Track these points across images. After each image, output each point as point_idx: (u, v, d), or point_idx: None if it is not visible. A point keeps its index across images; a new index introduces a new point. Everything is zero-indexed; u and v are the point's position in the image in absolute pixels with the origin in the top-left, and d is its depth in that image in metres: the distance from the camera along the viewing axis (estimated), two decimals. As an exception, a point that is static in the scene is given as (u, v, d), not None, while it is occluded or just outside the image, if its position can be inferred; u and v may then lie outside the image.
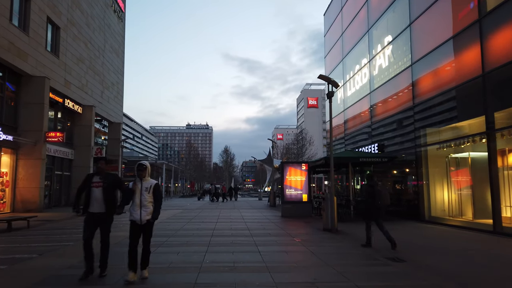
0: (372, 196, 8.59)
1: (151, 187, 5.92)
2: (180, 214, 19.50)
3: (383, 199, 8.64)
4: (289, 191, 17.71)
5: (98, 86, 32.24)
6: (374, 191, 8.60)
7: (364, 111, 20.15)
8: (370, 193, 8.64)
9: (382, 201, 8.61)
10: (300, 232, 11.73)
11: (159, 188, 6.08)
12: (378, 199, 8.55)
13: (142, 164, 5.96)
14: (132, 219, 5.94)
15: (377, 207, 8.54)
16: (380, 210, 8.61)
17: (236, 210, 22.66)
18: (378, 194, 8.59)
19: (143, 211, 5.87)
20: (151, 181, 6.01)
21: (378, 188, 8.78)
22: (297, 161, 24.94)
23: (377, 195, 8.56)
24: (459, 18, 12.17)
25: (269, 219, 16.44)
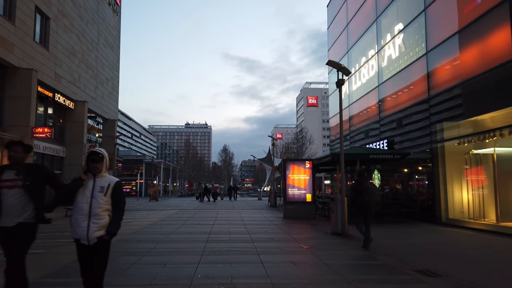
0: (359, 192, 8.23)
1: (109, 187, 3.84)
2: (175, 215, 18.24)
3: (370, 195, 8.23)
4: (292, 190, 16.46)
5: (91, 81, 30.94)
6: (362, 188, 8.24)
7: (372, 106, 18.91)
8: (358, 190, 8.29)
9: (370, 197, 8.22)
10: (307, 237, 10.48)
11: (121, 189, 4.05)
12: (366, 195, 8.16)
13: (97, 152, 3.89)
14: (75, 237, 3.76)
15: (365, 204, 8.18)
16: (369, 207, 8.25)
17: (235, 210, 21.41)
18: (366, 190, 8.20)
19: (92, 223, 3.73)
20: (110, 178, 3.94)
21: (367, 184, 8.41)
22: (301, 158, 23.60)
23: (365, 192, 8.18)
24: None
25: (271, 220, 15.19)
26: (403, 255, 7.48)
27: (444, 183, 12.94)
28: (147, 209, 22.75)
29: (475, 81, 11.19)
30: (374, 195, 8.42)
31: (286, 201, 16.45)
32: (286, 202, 16.45)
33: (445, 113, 13.01)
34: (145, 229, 12.03)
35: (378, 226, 12.58)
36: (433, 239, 10.14)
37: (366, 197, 8.18)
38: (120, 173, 69.10)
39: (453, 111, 12.64)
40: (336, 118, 24.83)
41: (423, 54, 14.02)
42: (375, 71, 18.74)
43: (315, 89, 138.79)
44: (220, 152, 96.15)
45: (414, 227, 12.43)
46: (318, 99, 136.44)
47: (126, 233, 11.06)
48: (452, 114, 12.72)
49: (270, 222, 14.63)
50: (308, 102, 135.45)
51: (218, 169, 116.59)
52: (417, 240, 9.65)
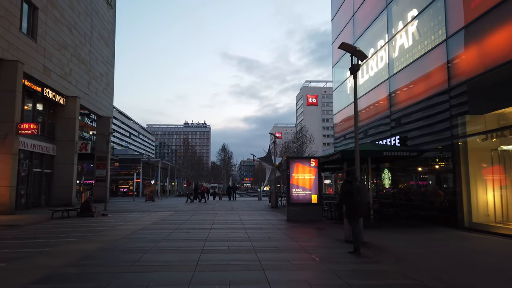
0: (350, 193, 7.83)
1: None
2: (169, 217, 16.91)
3: (361, 195, 7.84)
4: (296, 191, 15.14)
5: (84, 76, 29.57)
6: (352, 188, 7.83)
7: (381, 100, 17.60)
8: (348, 191, 7.87)
9: (361, 198, 7.85)
10: (317, 245, 9.16)
11: None
12: (357, 196, 7.77)
13: None
14: None
15: (356, 204, 7.79)
16: (360, 208, 7.89)
17: (234, 212, 20.09)
18: (357, 190, 7.80)
19: None
20: None
21: (357, 184, 7.99)
22: (306, 156, 22.21)
23: (355, 192, 7.78)
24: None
25: (273, 224, 13.88)
26: (439, 271, 6.17)
27: (466, 183, 11.62)
28: (141, 211, 21.42)
29: (505, 69, 9.87)
30: (365, 195, 7.99)
31: (290, 203, 15.14)
32: (290, 203, 15.14)
33: (468, 104, 11.70)
34: (133, 235, 10.70)
35: (395, 231, 11.29)
36: (463, 247, 8.82)
37: (357, 198, 7.74)
38: (118, 172, 67.97)
39: (477, 102, 11.33)
40: (341, 114, 23.52)
41: (443, 41, 12.69)
42: (384, 62, 17.42)
43: (315, 88, 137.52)
44: (219, 151, 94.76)
45: (436, 232, 11.11)
46: (318, 98, 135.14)
47: (110, 240, 9.74)
48: (476, 106, 11.41)
49: (272, 226, 13.31)
50: (308, 101, 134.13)
51: (217, 169, 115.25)
52: (446, 250, 8.34)
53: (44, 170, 25.22)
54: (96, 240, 9.85)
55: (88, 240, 9.83)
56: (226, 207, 24.95)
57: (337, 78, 24.63)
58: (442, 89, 12.68)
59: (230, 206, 26.41)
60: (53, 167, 26.06)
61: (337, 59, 24.39)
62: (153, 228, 12.50)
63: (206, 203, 30.70)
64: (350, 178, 8.14)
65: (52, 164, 26.10)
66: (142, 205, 28.09)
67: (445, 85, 12.50)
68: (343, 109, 23.13)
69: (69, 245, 8.99)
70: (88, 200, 18.30)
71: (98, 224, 13.89)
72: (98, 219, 16.17)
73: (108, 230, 12.08)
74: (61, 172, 26.05)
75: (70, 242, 9.45)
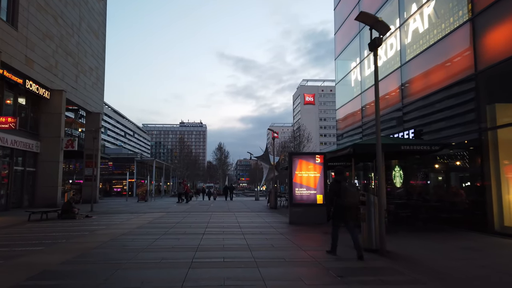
0: (337, 193, 7.27)
1: None
2: (160, 219, 15.33)
3: (348, 197, 7.21)
4: (300, 190, 13.63)
5: (71, 69, 27.90)
6: (340, 188, 7.26)
7: (392, 91, 16.11)
8: (336, 191, 7.31)
9: (349, 199, 7.22)
10: (332, 256, 7.64)
11: None
12: (344, 197, 7.21)
13: None
14: None
15: (343, 206, 7.23)
16: (348, 210, 7.29)
17: (230, 213, 18.55)
18: (344, 191, 7.23)
19: None
20: None
21: (346, 184, 7.35)
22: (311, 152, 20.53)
23: (342, 193, 7.22)
24: None
25: (274, 227, 12.35)
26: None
27: (496, 181, 10.16)
28: (131, 212, 19.82)
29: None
30: (353, 196, 7.29)
31: (293, 203, 13.62)
32: (293, 204, 13.62)
33: (498, 92, 10.24)
34: (111, 242, 9.12)
35: (417, 237, 9.79)
36: (506, 258, 7.33)
37: (344, 199, 7.16)
38: (111, 172, 66.19)
39: (510, 89, 9.85)
40: (345, 108, 22.01)
41: (467, 20, 11.21)
42: (395, 50, 15.94)
43: (312, 87, 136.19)
44: (215, 150, 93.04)
45: (465, 239, 9.62)
46: (315, 97, 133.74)
47: (83, 249, 8.17)
48: (509, 93, 9.93)
49: (274, 230, 11.78)
50: (305, 100, 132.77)
51: (213, 168, 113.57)
52: (490, 261, 6.86)
53: (26, 169, 23.57)
54: (66, 249, 8.28)
55: (57, 249, 8.26)
56: (222, 207, 23.40)
57: (341, 71, 23.15)
58: (466, 76, 11.19)
59: (226, 206, 24.86)
60: (37, 165, 24.40)
61: (340, 50, 22.89)
62: (137, 233, 10.93)
63: (200, 204, 29.10)
64: (339, 177, 7.49)
65: (36, 162, 24.44)
66: (133, 206, 26.47)
67: (470, 70, 11.02)
68: (347, 103, 21.64)
69: (32, 256, 7.42)
70: (70, 200, 16.70)
71: (78, 228, 12.30)
72: (80, 222, 14.57)
73: (85, 235, 10.49)
74: (46, 171, 24.40)
75: (35, 252, 7.88)
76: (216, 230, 11.61)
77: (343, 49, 22.51)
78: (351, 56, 21.50)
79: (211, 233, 10.76)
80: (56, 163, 24.63)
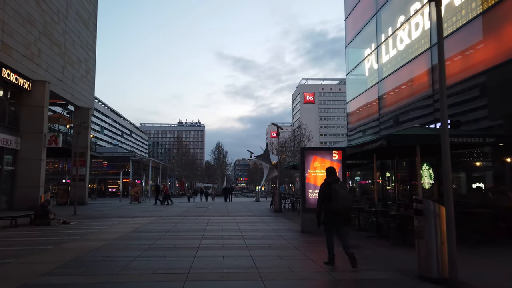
0: (327, 196, 6.51)
1: None
2: (148, 226, 13.11)
3: (340, 200, 6.41)
4: (314, 193, 11.42)
5: (57, 59, 25.63)
6: (331, 191, 6.47)
7: (418, 77, 13.91)
8: (326, 194, 6.55)
9: (340, 203, 6.41)
10: (375, 284, 5.43)
11: None
12: (334, 200, 6.42)
13: None
14: None
15: (335, 211, 6.45)
16: (340, 215, 6.47)
17: (230, 218, 16.34)
18: (335, 194, 6.43)
19: None
20: None
21: (337, 186, 6.53)
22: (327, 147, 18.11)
23: (333, 196, 6.44)
24: None
25: (285, 238, 10.15)
26: None
27: None
28: (118, 216, 17.58)
29: None
30: (345, 200, 6.58)
31: (306, 208, 11.40)
32: (305, 209, 11.41)
33: None
34: (72, 264, 6.88)
35: (483, 255, 7.54)
36: None
37: (336, 203, 6.45)
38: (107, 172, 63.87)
39: None
40: (357, 100, 19.78)
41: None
42: (421, 30, 13.73)
43: (312, 85, 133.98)
44: (213, 149, 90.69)
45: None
46: (316, 96, 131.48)
47: (29, 274, 5.91)
48: None
49: (285, 241, 9.58)
50: (305, 99, 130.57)
51: (211, 168, 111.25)
52: None
53: (4, 167, 21.30)
54: (5, 275, 6.04)
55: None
56: (220, 211, 21.17)
57: (352, 60, 20.97)
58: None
59: (226, 209, 22.63)
60: (17, 163, 22.14)
61: (352, 36, 20.70)
62: (114, 247, 8.69)
63: (197, 206, 26.86)
64: (330, 179, 6.78)
65: (15, 160, 22.18)
66: (124, 208, 24.20)
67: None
68: (360, 95, 19.45)
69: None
70: (45, 204, 14.43)
71: (44, 240, 10.07)
72: (53, 230, 12.32)
73: (45, 251, 8.24)
74: (27, 169, 22.14)
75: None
76: (213, 242, 9.39)
77: (355, 35, 20.33)
78: (365, 43, 19.33)
79: (208, 247, 8.54)
80: (37, 161, 22.38)
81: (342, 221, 6.56)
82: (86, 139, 30.05)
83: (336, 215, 6.48)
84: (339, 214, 6.48)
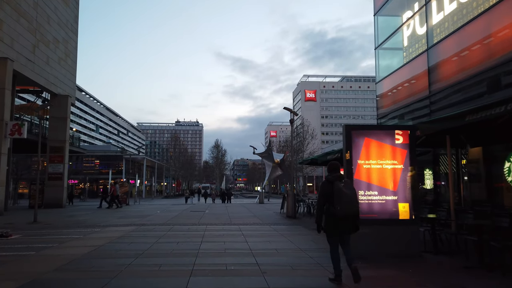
0: (328, 197, 5.28)
1: None
2: (117, 243, 9.05)
3: (343, 203, 5.11)
4: (368, 194, 7.40)
5: (25, 35, 21.54)
6: (333, 191, 5.23)
7: (493, 36, 9.86)
8: (327, 194, 5.32)
9: (342, 206, 5.10)
10: None
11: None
12: (337, 203, 5.13)
13: None
14: None
15: (338, 216, 5.15)
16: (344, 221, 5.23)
17: (234, 227, 12.32)
18: (338, 194, 5.16)
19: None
20: None
21: (340, 185, 5.24)
22: (386, 124, 13.04)
23: (336, 197, 5.16)
24: None
25: (326, 267, 6.09)
26: None
27: None
28: (88, 225, 13.50)
29: None
30: (351, 202, 5.17)
31: (354, 219, 7.34)
32: (354, 220, 7.34)
33: None
34: None
35: None
36: None
37: (338, 206, 5.09)
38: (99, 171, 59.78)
39: None
40: (393, 78, 15.61)
41: None
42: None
43: (313, 83, 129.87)
44: (212, 148, 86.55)
45: None
46: (317, 93, 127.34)
47: None
48: None
49: (327, 271, 5.52)
50: (306, 96, 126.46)
51: (209, 168, 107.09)
52: None
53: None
54: None
55: None
56: (220, 216, 17.08)
57: (384, 30, 16.89)
58: None
59: (226, 213, 18.54)
60: (-30, 158, 18.08)
61: (383, 0, 16.62)
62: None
63: (192, 209, 22.75)
64: (331, 176, 5.40)
65: (-32, 153, 18.13)
66: (103, 213, 20.07)
67: None
68: (397, 70, 15.34)
69: None
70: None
71: None
72: None
73: None
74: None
75: None
76: (211, 273, 5.37)
77: None
78: (401, 7, 15.32)
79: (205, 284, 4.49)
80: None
81: (346, 228, 5.35)
82: (64, 131, 25.96)
83: (340, 220, 5.28)
84: (343, 219, 5.27)
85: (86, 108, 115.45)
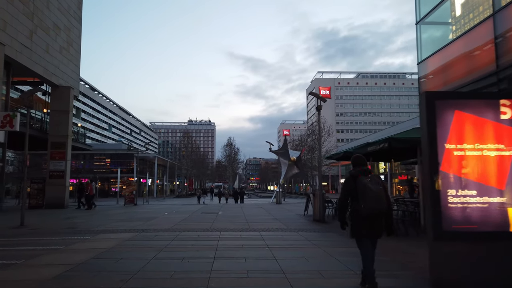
0: (351, 193, 4.71)
1: None
2: (103, 258, 6.81)
3: (368, 200, 4.47)
4: (462, 195, 4.91)
5: (21, 19, 19.59)
6: (357, 187, 4.59)
7: None
8: (349, 190, 4.74)
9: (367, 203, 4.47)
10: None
11: None
12: (362, 200, 4.50)
13: None
14: None
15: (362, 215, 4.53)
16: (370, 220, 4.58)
17: (254, 234, 9.98)
18: (362, 190, 4.52)
19: None
20: None
21: (366, 181, 4.57)
22: (486, 92, 10.14)
23: (360, 193, 4.53)
24: None
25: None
26: None
27: None
28: (81, 230, 11.32)
29: None
30: (377, 199, 4.47)
31: (444, 230, 4.86)
32: (443, 232, 4.86)
33: None
34: None
35: None
36: None
37: (362, 204, 4.47)
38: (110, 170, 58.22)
39: None
40: (442, 54, 12.93)
41: None
42: None
43: (328, 79, 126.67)
44: (224, 146, 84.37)
45: None
46: (332, 90, 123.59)
47: None
48: None
49: None
50: (320, 94, 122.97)
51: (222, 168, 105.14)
52: None
53: None
54: None
55: None
56: (235, 219, 14.73)
57: (428, 3, 14.31)
58: None
59: (243, 216, 16.21)
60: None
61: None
62: None
63: (203, 211, 20.46)
64: (355, 170, 4.81)
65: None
66: (105, 214, 17.96)
67: None
68: (448, 45, 12.74)
69: None
70: None
71: None
72: None
73: None
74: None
75: None
76: None
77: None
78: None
79: None
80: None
81: (374, 229, 4.55)
82: (66, 126, 24.00)
83: (365, 220, 4.52)
84: (369, 218, 4.49)
85: (99, 107, 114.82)
